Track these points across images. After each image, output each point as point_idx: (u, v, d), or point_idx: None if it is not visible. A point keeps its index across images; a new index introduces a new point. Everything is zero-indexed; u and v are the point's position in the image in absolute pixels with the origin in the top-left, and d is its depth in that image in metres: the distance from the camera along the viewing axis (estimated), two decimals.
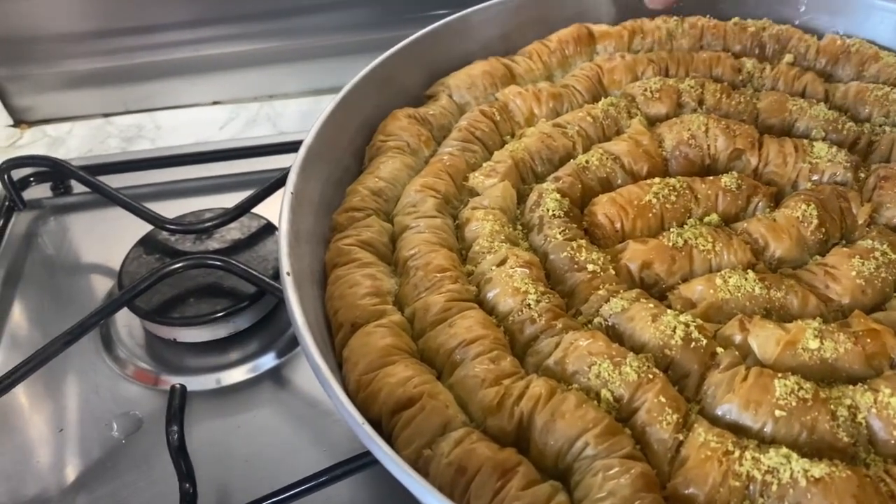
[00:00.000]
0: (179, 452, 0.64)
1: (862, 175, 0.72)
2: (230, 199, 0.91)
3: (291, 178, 0.67)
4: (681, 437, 0.52)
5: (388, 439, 0.54)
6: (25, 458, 0.73)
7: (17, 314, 0.89)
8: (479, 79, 0.84)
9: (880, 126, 0.78)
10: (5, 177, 0.96)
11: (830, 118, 0.77)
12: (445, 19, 0.87)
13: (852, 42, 0.87)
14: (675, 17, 0.92)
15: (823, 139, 0.76)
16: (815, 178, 0.73)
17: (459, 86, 0.84)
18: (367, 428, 0.49)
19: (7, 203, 0.98)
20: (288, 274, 0.58)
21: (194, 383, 0.76)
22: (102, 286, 0.90)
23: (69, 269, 0.94)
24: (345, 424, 0.72)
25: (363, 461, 0.64)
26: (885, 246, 0.64)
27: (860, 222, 0.69)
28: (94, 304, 0.87)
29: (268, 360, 0.80)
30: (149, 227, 0.89)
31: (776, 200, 0.72)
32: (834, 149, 0.73)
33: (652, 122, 0.80)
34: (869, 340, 0.57)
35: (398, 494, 0.67)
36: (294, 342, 0.81)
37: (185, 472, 0.64)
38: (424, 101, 0.84)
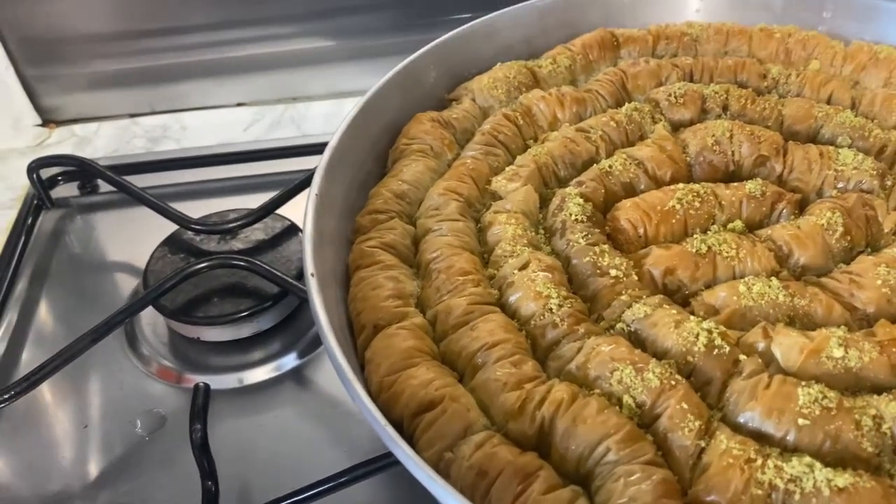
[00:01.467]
0: (202, 450, 0.65)
1: (888, 183, 0.72)
2: (254, 200, 0.92)
3: (316, 181, 0.67)
4: (703, 443, 0.51)
5: (410, 441, 0.54)
6: (50, 453, 0.74)
7: (44, 311, 0.90)
8: (502, 82, 0.84)
9: None
10: (34, 175, 0.97)
11: (857, 125, 0.77)
12: (470, 24, 0.87)
13: (880, 49, 0.86)
14: (699, 22, 0.92)
15: (849, 146, 0.76)
16: (840, 185, 0.72)
17: (483, 89, 0.84)
18: (390, 430, 0.49)
19: (35, 202, 1.00)
20: (312, 275, 0.59)
21: (217, 382, 0.77)
22: (127, 285, 0.91)
23: (95, 268, 0.95)
24: (366, 425, 0.73)
25: (383, 462, 0.64)
26: None
27: (886, 230, 0.68)
28: (119, 302, 0.88)
29: (290, 360, 0.81)
30: (173, 227, 0.90)
31: (801, 208, 0.72)
32: (860, 156, 0.73)
33: (676, 127, 0.80)
34: (895, 350, 0.56)
35: (418, 496, 0.67)
36: (316, 343, 0.82)
37: (208, 469, 0.65)
38: (448, 105, 0.85)
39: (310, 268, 0.60)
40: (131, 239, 0.96)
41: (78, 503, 0.69)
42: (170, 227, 0.91)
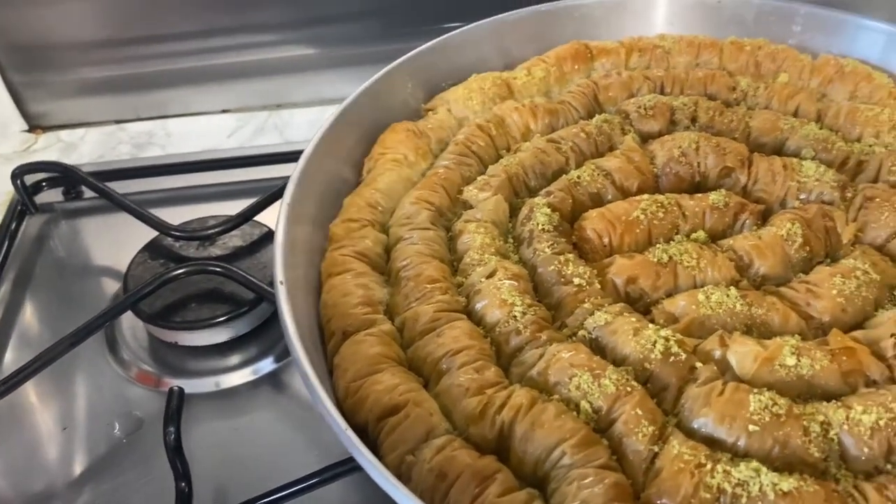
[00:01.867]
0: (176, 452, 0.66)
1: (849, 195, 0.74)
2: (236, 206, 0.94)
3: (289, 190, 0.69)
4: (656, 448, 0.53)
5: (374, 445, 0.56)
6: (31, 453, 0.75)
7: (27, 314, 0.91)
8: (477, 93, 0.86)
9: (870, 146, 0.79)
10: (18, 182, 0.99)
11: (821, 137, 0.79)
12: (446, 35, 0.89)
13: (846, 62, 0.88)
14: (672, 35, 0.94)
15: (813, 158, 0.78)
16: (802, 196, 0.74)
17: (458, 100, 0.86)
18: (350, 434, 0.51)
19: (20, 207, 1.01)
20: (281, 283, 0.61)
21: (194, 386, 0.78)
22: (109, 289, 0.93)
23: (78, 272, 0.96)
24: None
25: (352, 465, 0.66)
26: (866, 265, 0.66)
27: (844, 241, 0.70)
28: (101, 306, 0.89)
29: (266, 365, 0.82)
30: (154, 233, 0.91)
31: (764, 218, 0.73)
32: (822, 168, 0.75)
33: (645, 138, 0.82)
34: (845, 358, 0.58)
35: (386, 498, 0.69)
36: None
37: (181, 471, 0.66)
38: (423, 115, 0.86)
39: (279, 276, 0.61)
40: (114, 244, 0.97)
41: (56, 503, 0.71)
42: (151, 233, 0.92)
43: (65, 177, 1.01)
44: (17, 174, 0.98)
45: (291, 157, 1.03)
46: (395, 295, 0.67)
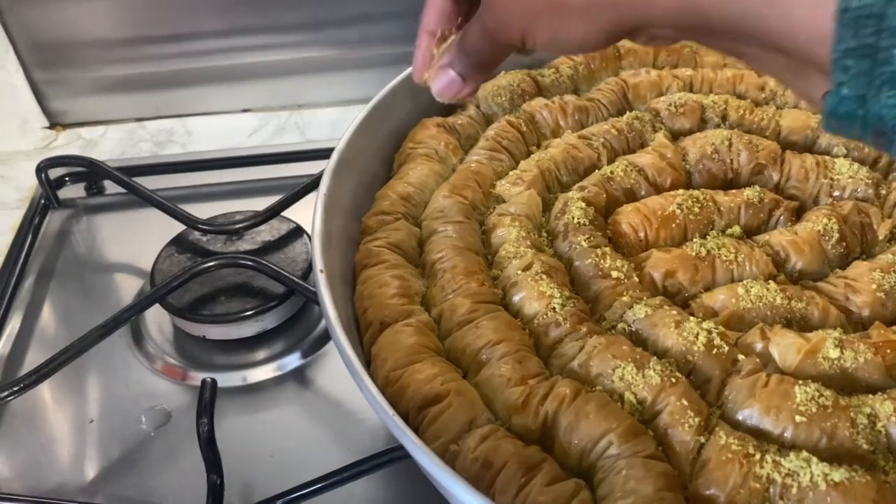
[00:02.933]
0: (209, 444, 0.66)
1: (883, 192, 0.73)
2: (257, 203, 0.94)
3: (325, 181, 0.69)
4: (702, 439, 0.53)
5: (415, 434, 0.55)
6: (56, 447, 0.75)
7: (48, 310, 0.91)
8: (506, 90, 0.86)
9: None
10: (42, 175, 0.98)
11: None
12: None
13: None
14: None
15: (845, 156, 0.77)
16: (836, 193, 0.74)
17: (487, 97, 0.86)
18: (398, 420, 0.50)
19: (42, 201, 1.01)
20: (321, 271, 0.60)
21: (221, 380, 0.77)
22: (132, 285, 0.92)
23: (100, 268, 0.96)
24: (366, 424, 0.75)
25: (385, 458, 0.65)
26: None
27: (881, 237, 0.70)
28: (123, 302, 0.89)
29: (293, 360, 0.82)
30: (177, 230, 0.91)
31: (798, 215, 0.73)
32: (855, 166, 0.75)
33: (675, 136, 0.81)
34: (889, 351, 0.57)
35: (414, 492, 0.69)
36: (319, 343, 0.83)
37: (214, 463, 0.66)
38: (452, 111, 0.86)
39: (318, 264, 0.61)
40: (136, 240, 0.97)
41: (83, 496, 0.70)
42: (173, 229, 0.92)
43: (90, 171, 1.01)
44: (42, 168, 0.97)
45: (311, 155, 1.04)
46: (430, 287, 0.66)
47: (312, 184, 0.87)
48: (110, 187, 1.04)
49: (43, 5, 1.11)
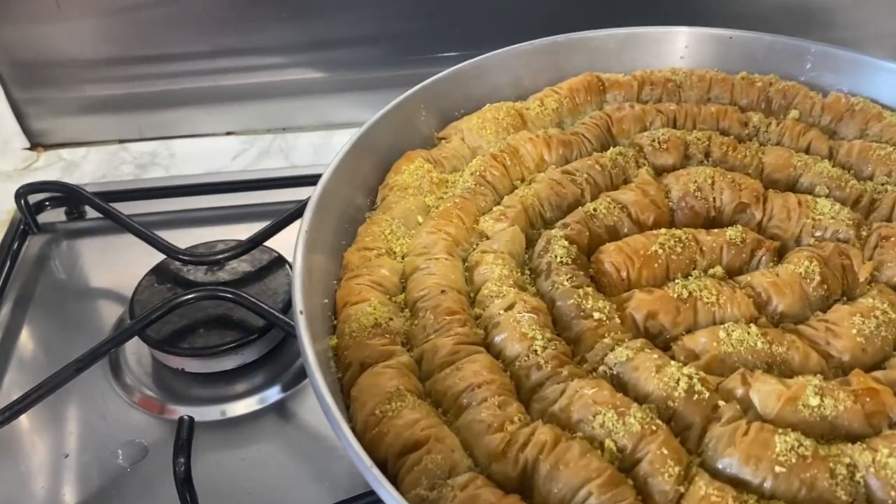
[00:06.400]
0: (185, 484, 0.65)
1: (864, 233, 0.74)
2: (240, 230, 0.93)
3: (307, 217, 0.68)
4: (682, 489, 0.52)
5: (394, 481, 0.55)
6: (31, 482, 0.74)
7: (27, 337, 0.90)
8: (491, 123, 0.86)
9: (882, 185, 0.79)
10: (22, 201, 0.97)
11: (834, 175, 0.79)
12: (460, 65, 0.89)
13: (856, 101, 0.88)
14: (683, 69, 0.94)
15: (827, 196, 0.78)
16: (817, 234, 0.74)
17: (472, 129, 0.86)
18: (376, 471, 0.50)
19: (21, 226, 1.00)
20: (301, 313, 0.60)
21: (200, 414, 0.77)
22: (112, 312, 0.91)
23: (80, 294, 0.95)
24: (347, 461, 0.74)
25: (365, 501, 0.65)
26: (885, 305, 0.66)
27: (861, 280, 0.70)
28: (103, 330, 0.88)
29: (273, 394, 0.81)
30: (159, 256, 0.90)
31: (780, 255, 0.73)
32: (837, 206, 0.75)
33: (659, 172, 0.82)
34: (868, 399, 0.58)
35: None
36: (299, 376, 0.82)
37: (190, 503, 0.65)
38: (437, 143, 0.86)
39: (299, 305, 0.60)
40: (117, 266, 0.96)
41: None
42: (155, 256, 0.91)
43: (69, 197, 1.00)
44: (22, 193, 0.96)
45: (296, 181, 1.04)
46: (412, 326, 0.66)
47: (294, 214, 0.87)
48: (91, 212, 1.03)
49: (24, 24, 1.10)
